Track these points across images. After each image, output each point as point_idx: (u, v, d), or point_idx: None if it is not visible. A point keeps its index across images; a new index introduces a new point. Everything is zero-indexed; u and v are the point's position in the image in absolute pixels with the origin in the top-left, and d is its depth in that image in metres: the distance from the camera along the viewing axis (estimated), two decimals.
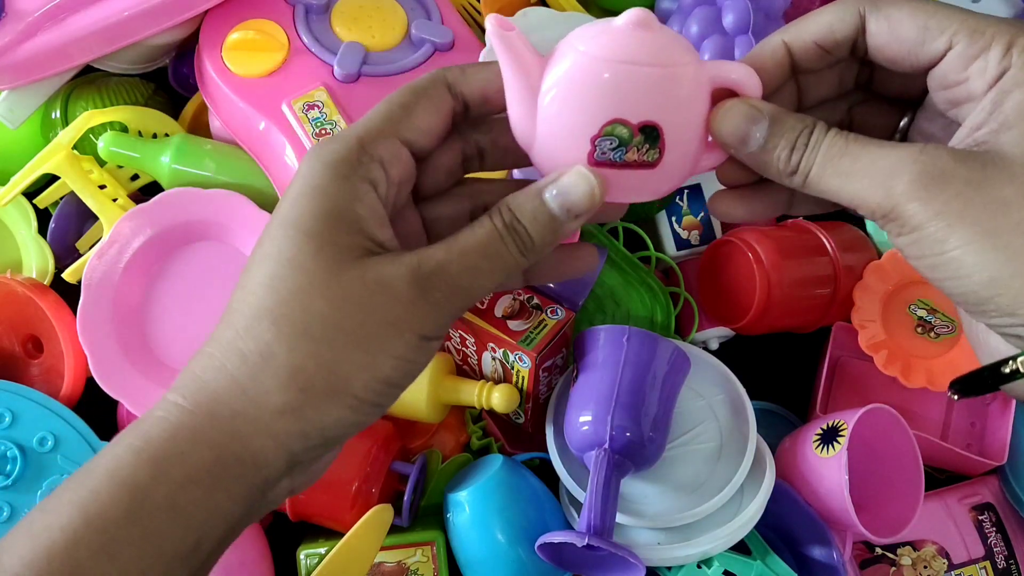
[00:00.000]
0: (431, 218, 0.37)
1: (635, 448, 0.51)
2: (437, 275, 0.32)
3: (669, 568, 0.53)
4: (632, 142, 0.34)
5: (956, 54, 0.33)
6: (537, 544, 0.48)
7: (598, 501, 0.48)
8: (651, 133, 0.34)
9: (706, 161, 0.37)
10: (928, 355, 0.58)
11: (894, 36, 0.35)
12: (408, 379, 0.33)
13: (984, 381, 0.35)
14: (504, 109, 0.36)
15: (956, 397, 0.38)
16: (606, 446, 0.50)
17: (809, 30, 0.36)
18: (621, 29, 0.34)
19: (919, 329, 0.59)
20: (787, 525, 0.55)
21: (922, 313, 0.59)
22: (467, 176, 0.38)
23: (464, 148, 0.37)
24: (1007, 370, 0.33)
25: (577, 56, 0.34)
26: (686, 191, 0.64)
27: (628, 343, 0.52)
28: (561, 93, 0.34)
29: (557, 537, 0.47)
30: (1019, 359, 0.33)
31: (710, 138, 0.36)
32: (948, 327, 0.58)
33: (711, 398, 0.57)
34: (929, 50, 0.34)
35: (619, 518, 0.51)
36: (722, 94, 0.36)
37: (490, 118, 0.37)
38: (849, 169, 0.33)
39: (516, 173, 0.55)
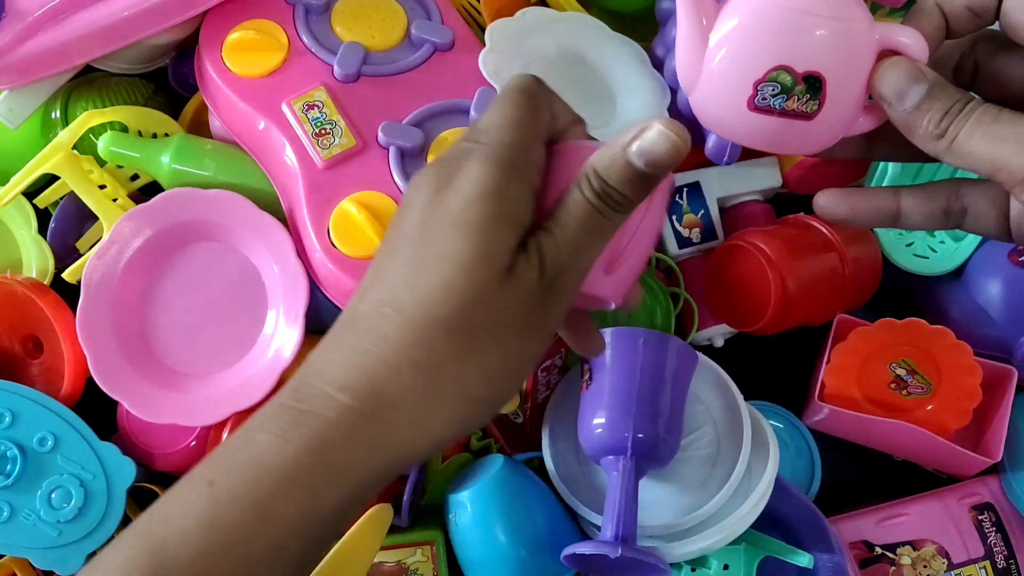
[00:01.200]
0: None
1: (654, 451, 0.51)
2: (558, 272, 0.33)
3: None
4: (794, 90, 0.35)
5: None
6: (564, 554, 0.49)
7: (624, 509, 0.49)
8: (814, 83, 0.35)
9: (862, 123, 0.37)
10: (888, 408, 0.59)
11: None
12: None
13: None
14: None
15: None
16: (628, 453, 0.50)
17: None
18: None
19: (892, 385, 0.59)
20: (787, 524, 0.55)
21: (901, 372, 0.59)
22: None
23: None
24: None
25: (766, 3, 0.35)
26: (685, 189, 0.64)
27: (644, 347, 0.52)
28: (732, 34, 0.35)
29: (587, 548, 0.47)
30: None
31: (869, 100, 0.37)
32: (922, 388, 0.59)
33: (710, 402, 0.57)
34: None
35: None
36: (887, 55, 0.36)
37: None
38: (999, 134, 0.34)
39: None
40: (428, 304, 0.32)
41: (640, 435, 0.50)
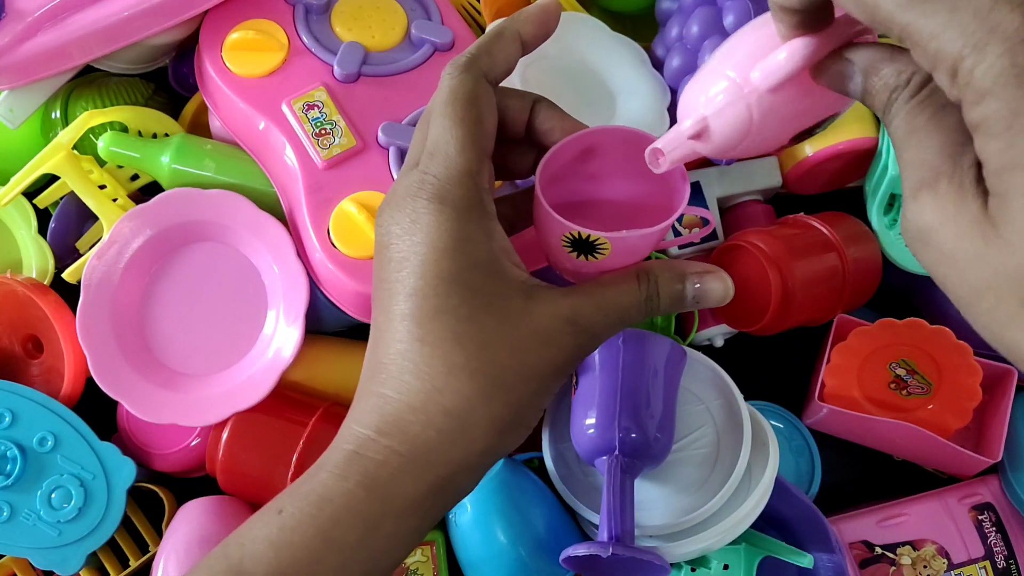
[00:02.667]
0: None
1: (644, 449, 0.51)
2: (588, 329, 0.36)
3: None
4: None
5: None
6: (561, 558, 0.49)
7: (617, 508, 0.49)
8: None
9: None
10: (888, 408, 0.59)
11: None
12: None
13: None
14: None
15: None
16: (616, 452, 0.50)
17: None
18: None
19: (892, 385, 0.59)
20: (787, 524, 0.55)
21: (901, 372, 0.59)
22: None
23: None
24: None
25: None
26: None
27: (624, 346, 0.53)
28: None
29: (581, 550, 0.47)
30: None
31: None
32: (922, 388, 0.59)
33: (709, 402, 0.57)
34: None
35: None
36: None
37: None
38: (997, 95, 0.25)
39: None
40: (444, 354, 0.34)
41: (627, 433, 0.50)
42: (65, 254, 0.63)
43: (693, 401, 0.57)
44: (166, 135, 0.61)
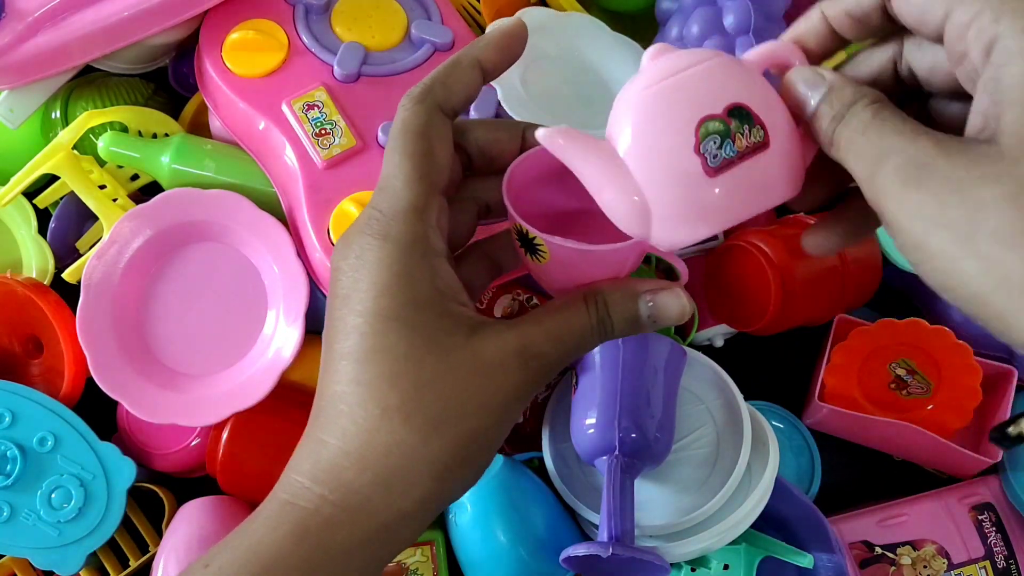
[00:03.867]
0: (454, 234, 0.38)
1: (644, 449, 0.51)
2: (538, 357, 0.34)
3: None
4: (731, 128, 0.33)
5: (953, 20, 0.31)
6: (561, 558, 0.49)
7: (617, 508, 0.49)
8: (740, 112, 0.33)
9: (809, 148, 0.35)
10: (888, 408, 0.59)
11: (907, 2, 0.33)
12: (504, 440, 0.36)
13: (1000, 442, 0.38)
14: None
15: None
16: (616, 452, 0.50)
17: (842, 1, 0.35)
18: (651, 62, 0.35)
19: (892, 385, 0.59)
20: (787, 524, 0.55)
21: (901, 372, 0.59)
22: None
23: (460, 158, 0.37)
24: (1013, 433, 0.36)
25: (634, 98, 0.34)
26: None
27: (624, 346, 0.52)
28: (644, 133, 0.33)
29: (581, 550, 0.47)
30: (1020, 423, 0.33)
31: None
32: (922, 388, 0.59)
33: (709, 402, 0.57)
34: (934, 16, 0.32)
35: None
36: (783, 74, 0.35)
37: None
38: (856, 149, 0.31)
39: None
40: (379, 396, 0.32)
41: (627, 433, 0.50)
42: (65, 254, 0.63)
43: (693, 401, 0.57)
44: (166, 135, 0.61)
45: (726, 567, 0.52)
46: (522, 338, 0.34)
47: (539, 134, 0.34)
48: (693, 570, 0.52)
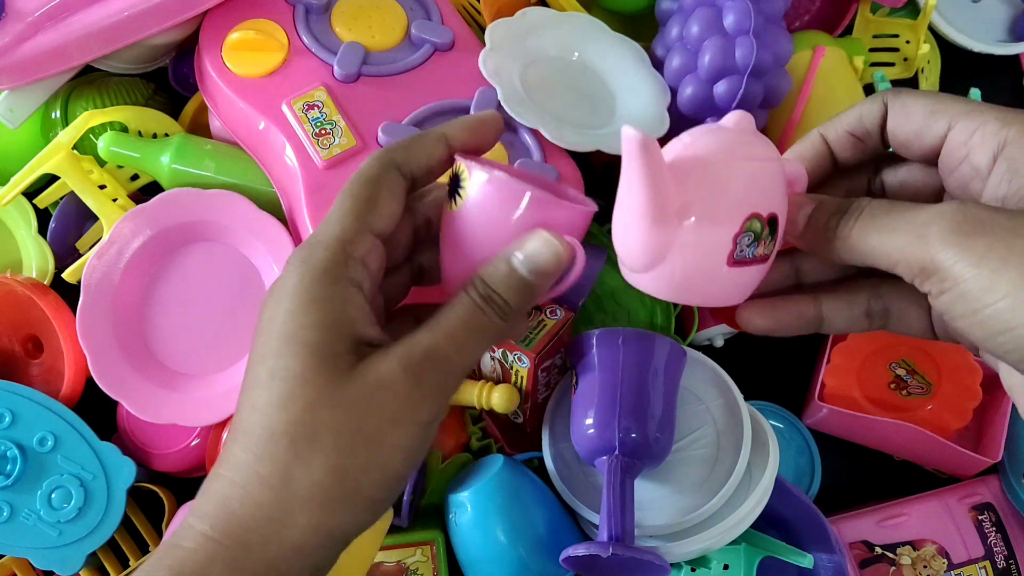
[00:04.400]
0: (387, 291, 0.38)
1: (644, 449, 0.51)
2: (428, 361, 0.33)
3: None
4: (762, 235, 0.34)
5: (956, 131, 0.35)
6: (561, 558, 0.49)
7: (617, 509, 0.49)
8: (773, 225, 0.35)
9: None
10: (888, 408, 0.59)
11: (906, 119, 0.37)
12: (414, 467, 0.34)
13: None
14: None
15: None
16: (616, 452, 0.50)
17: (843, 121, 0.39)
18: (732, 129, 0.36)
19: (892, 385, 0.59)
20: (787, 524, 0.55)
21: (901, 372, 0.59)
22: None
23: (414, 222, 0.38)
24: None
25: (718, 155, 0.34)
26: None
27: (624, 346, 0.52)
28: (700, 193, 0.33)
29: (581, 550, 0.47)
30: None
31: None
32: (922, 388, 0.59)
33: (710, 402, 0.57)
34: (934, 131, 0.36)
35: None
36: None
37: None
38: (890, 225, 0.34)
39: None
40: (268, 420, 0.32)
41: (628, 433, 0.50)
42: (65, 254, 0.63)
43: (693, 401, 0.57)
44: (166, 135, 0.61)
45: (726, 567, 0.52)
46: (408, 352, 0.33)
47: (626, 132, 0.33)
48: (693, 570, 0.52)
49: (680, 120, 0.60)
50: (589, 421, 0.52)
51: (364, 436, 0.32)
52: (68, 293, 0.58)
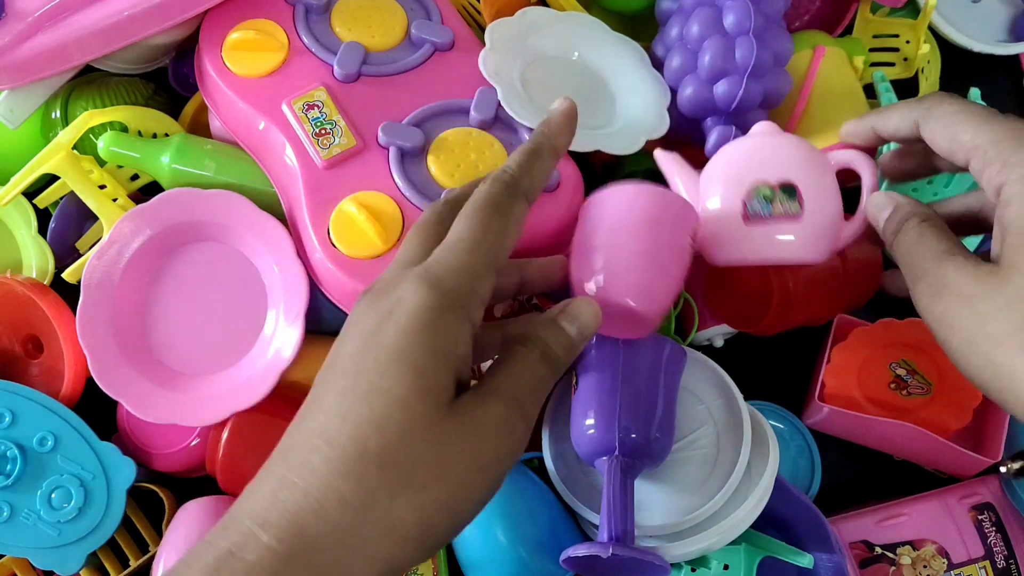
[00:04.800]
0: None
1: (644, 449, 0.51)
2: (517, 410, 0.34)
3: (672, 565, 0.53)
4: (775, 197, 0.45)
5: (972, 167, 0.40)
6: (562, 558, 0.49)
7: (618, 509, 0.49)
8: (789, 190, 0.45)
9: (847, 229, 0.48)
10: (888, 408, 0.59)
11: (935, 144, 0.43)
12: (476, 515, 0.34)
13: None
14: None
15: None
16: (616, 453, 0.50)
17: (888, 122, 0.47)
18: (756, 130, 0.50)
19: (892, 385, 0.59)
20: (787, 524, 0.55)
21: (901, 372, 0.59)
22: None
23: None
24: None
25: (726, 147, 0.49)
26: None
27: (624, 346, 0.52)
28: (714, 172, 0.48)
29: (581, 550, 0.47)
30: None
31: (847, 214, 0.48)
32: (922, 388, 0.59)
33: (710, 402, 0.57)
34: (958, 161, 0.41)
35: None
36: (845, 173, 0.48)
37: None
38: (905, 261, 0.42)
39: None
40: (360, 437, 0.31)
41: (628, 433, 0.50)
42: (65, 254, 0.63)
43: (693, 401, 0.57)
44: (166, 135, 0.61)
45: (726, 567, 0.52)
46: (502, 400, 0.33)
47: (657, 154, 0.50)
48: (693, 570, 0.52)
49: (680, 120, 0.60)
50: (589, 422, 0.52)
51: (454, 480, 0.31)
52: (68, 293, 0.58)
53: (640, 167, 0.59)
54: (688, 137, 0.61)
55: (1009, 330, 0.36)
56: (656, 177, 0.60)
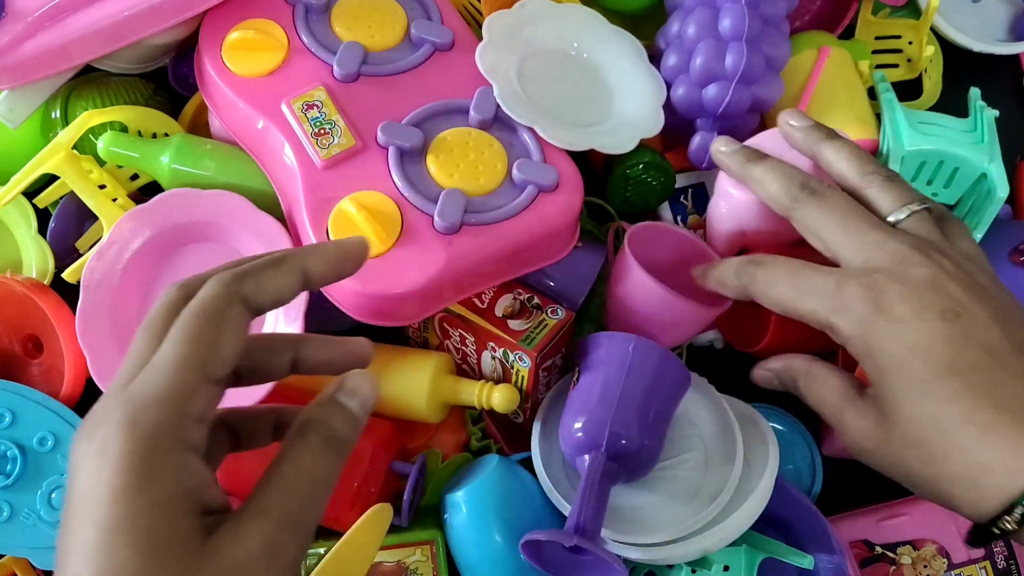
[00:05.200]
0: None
1: (630, 455, 0.50)
2: (284, 532, 0.30)
3: (670, 566, 0.53)
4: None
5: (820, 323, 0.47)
6: (522, 542, 0.48)
7: (590, 504, 0.48)
8: None
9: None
10: None
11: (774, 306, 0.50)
12: None
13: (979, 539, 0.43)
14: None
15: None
16: (602, 449, 0.50)
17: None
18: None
19: None
20: (788, 525, 0.55)
21: None
22: None
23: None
24: (996, 531, 0.41)
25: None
26: (690, 190, 0.64)
27: (633, 352, 0.52)
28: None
29: (543, 535, 0.47)
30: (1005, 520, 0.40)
31: None
32: None
33: (703, 429, 0.56)
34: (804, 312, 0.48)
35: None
36: None
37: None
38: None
39: None
40: None
41: (617, 433, 0.50)
42: (65, 254, 0.63)
43: (687, 425, 0.57)
44: (166, 135, 0.61)
45: (726, 568, 0.52)
46: (262, 527, 0.30)
47: (713, 147, 0.54)
48: (693, 571, 0.52)
49: (672, 116, 0.60)
50: (582, 416, 0.51)
51: None
52: (68, 293, 0.58)
53: (641, 160, 0.59)
54: (681, 134, 0.61)
55: (906, 478, 0.45)
56: (654, 170, 0.60)
